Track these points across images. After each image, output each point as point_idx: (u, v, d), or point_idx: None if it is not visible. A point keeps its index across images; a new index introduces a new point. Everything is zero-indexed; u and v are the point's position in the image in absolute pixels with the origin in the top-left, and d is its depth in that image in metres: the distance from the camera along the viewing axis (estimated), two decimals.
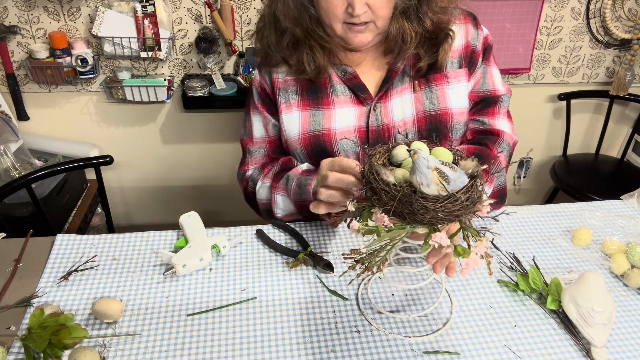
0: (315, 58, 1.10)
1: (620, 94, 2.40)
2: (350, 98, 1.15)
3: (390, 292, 1.00)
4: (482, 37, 1.17)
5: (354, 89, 1.14)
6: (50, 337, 0.84)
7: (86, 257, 1.06)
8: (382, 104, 1.13)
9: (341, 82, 1.15)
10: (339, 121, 1.14)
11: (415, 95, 1.13)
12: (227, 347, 0.89)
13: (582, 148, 2.70)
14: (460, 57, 1.15)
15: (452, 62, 1.14)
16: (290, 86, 1.16)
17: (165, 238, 1.12)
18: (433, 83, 1.13)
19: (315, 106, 1.15)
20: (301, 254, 1.06)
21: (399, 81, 1.14)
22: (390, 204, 0.77)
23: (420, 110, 1.13)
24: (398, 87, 1.14)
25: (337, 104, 1.15)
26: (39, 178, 1.55)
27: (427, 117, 1.13)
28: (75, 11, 2.03)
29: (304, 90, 1.16)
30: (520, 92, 2.47)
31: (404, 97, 1.13)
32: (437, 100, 1.13)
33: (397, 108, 1.13)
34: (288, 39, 1.10)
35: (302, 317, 0.94)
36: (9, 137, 2.11)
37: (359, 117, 1.14)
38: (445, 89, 1.13)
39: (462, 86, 1.15)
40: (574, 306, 0.93)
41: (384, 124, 1.13)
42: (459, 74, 1.14)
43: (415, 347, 0.90)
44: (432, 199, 0.75)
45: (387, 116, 1.13)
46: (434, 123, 1.13)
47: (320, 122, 1.14)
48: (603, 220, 1.20)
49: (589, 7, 2.27)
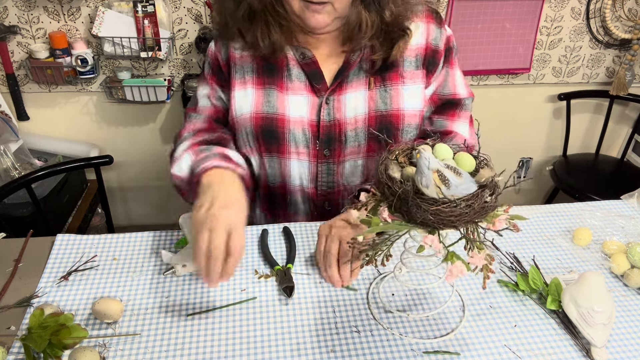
0: (271, 34, 1.06)
1: (620, 94, 2.40)
2: (305, 85, 1.11)
3: (394, 291, 1.00)
4: (445, 37, 1.14)
5: (311, 75, 1.11)
6: (50, 337, 0.84)
7: (86, 257, 1.06)
8: (336, 97, 1.11)
9: (298, 66, 1.11)
10: (292, 109, 1.11)
11: (370, 93, 1.11)
12: (227, 347, 0.89)
13: (582, 148, 2.70)
14: (418, 57, 1.12)
15: (410, 62, 1.12)
16: (246, 63, 1.13)
17: (165, 238, 1.12)
18: (388, 82, 1.11)
19: (270, 86, 1.11)
20: (277, 267, 1.04)
21: (355, 75, 1.11)
22: (391, 199, 0.78)
23: (373, 109, 1.11)
24: (353, 82, 1.11)
25: (291, 90, 1.11)
26: (39, 178, 1.55)
27: (378, 116, 1.11)
28: (75, 11, 2.03)
29: (260, 69, 1.12)
30: (520, 92, 2.47)
31: (358, 93, 1.11)
32: (390, 101, 1.11)
33: (350, 103, 1.11)
34: (244, 10, 1.05)
35: (302, 317, 0.94)
36: (9, 137, 2.11)
37: (312, 109, 1.11)
38: (399, 89, 1.11)
39: (416, 88, 1.12)
40: (574, 306, 0.93)
41: (336, 119, 1.11)
42: (415, 75, 1.12)
43: (415, 347, 0.90)
44: (429, 201, 0.75)
45: (339, 111, 1.11)
46: (384, 123, 1.11)
47: (275, 105, 1.11)
48: (603, 220, 1.20)
49: (589, 7, 2.27)
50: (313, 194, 1.18)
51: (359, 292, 1.00)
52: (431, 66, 1.14)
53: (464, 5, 2.16)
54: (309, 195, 1.19)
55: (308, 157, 1.14)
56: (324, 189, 1.17)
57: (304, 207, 1.22)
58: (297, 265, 1.06)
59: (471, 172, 0.80)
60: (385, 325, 0.93)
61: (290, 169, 1.15)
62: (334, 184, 1.16)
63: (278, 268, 1.03)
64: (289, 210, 1.23)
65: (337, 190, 1.17)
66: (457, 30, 2.21)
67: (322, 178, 1.15)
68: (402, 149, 0.86)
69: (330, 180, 1.16)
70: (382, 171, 0.81)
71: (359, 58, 1.10)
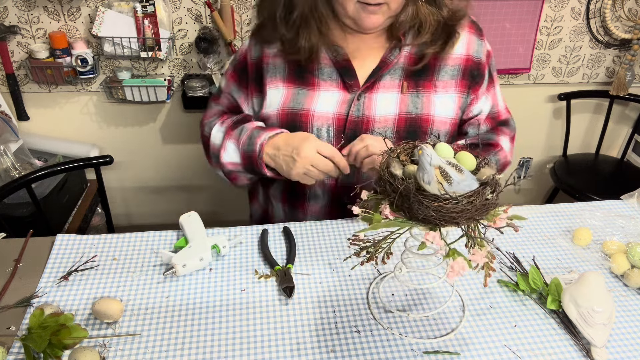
0: (311, 43, 1.08)
1: (620, 94, 2.40)
2: (337, 83, 1.13)
3: (394, 291, 1.00)
4: (486, 50, 1.17)
5: (342, 72, 1.12)
6: (50, 337, 0.84)
7: (86, 257, 1.06)
8: (368, 95, 1.12)
9: (330, 65, 1.13)
10: (320, 104, 1.13)
11: (402, 97, 1.12)
12: (227, 347, 0.89)
13: (582, 148, 2.69)
14: (457, 68, 1.13)
15: (446, 71, 1.13)
16: (279, 62, 1.16)
17: (165, 238, 1.12)
18: (421, 89, 1.12)
19: (301, 84, 1.15)
20: (277, 267, 1.04)
21: (389, 76, 1.12)
22: (393, 196, 0.78)
23: (403, 112, 1.12)
24: (387, 82, 1.13)
25: (322, 86, 1.14)
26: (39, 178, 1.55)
27: (408, 119, 1.12)
28: (75, 11, 2.03)
29: (292, 68, 1.15)
30: (520, 92, 2.47)
31: (390, 94, 1.12)
32: (422, 106, 1.12)
33: (381, 102, 1.12)
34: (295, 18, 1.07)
35: (302, 317, 0.94)
36: (9, 137, 2.11)
37: (341, 104, 1.13)
38: (432, 96, 1.13)
39: (449, 97, 1.14)
40: (574, 306, 0.93)
41: (365, 115, 1.12)
42: (449, 85, 1.13)
43: (415, 347, 0.90)
44: (430, 197, 0.75)
45: (369, 108, 1.12)
46: (412, 126, 1.12)
47: (302, 101, 1.14)
48: (603, 220, 1.20)
49: (589, 7, 2.27)
50: (333, 188, 1.19)
51: (359, 292, 1.00)
52: (477, 78, 1.15)
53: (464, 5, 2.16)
54: (329, 188, 1.20)
55: None
56: (344, 183, 1.18)
57: (323, 200, 1.22)
58: (297, 265, 1.06)
59: (472, 171, 0.80)
60: (385, 325, 0.93)
61: None
62: (354, 180, 1.17)
63: (278, 268, 1.03)
64: (308, 202, 1.24)
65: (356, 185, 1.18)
66: None
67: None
68: (404, 147, 0.86)
69: (350, 175, 1.16)
70: (383, 168, 0.81)
71: (396, 59, 1.11)
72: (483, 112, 1.20)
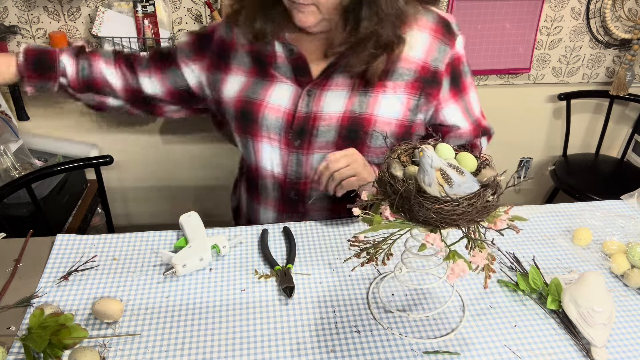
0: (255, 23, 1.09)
1: (620, 94, 2.40)
2: (291, 79, 1.14)
3: (394, 291, 1.00)
4: (449, 57, 1.13)
5: (296, 69, 1.13)
6: (50, 337, 0.84)
7: (86, 257, 1.06)
8: (318, 91, 1.12)
9: (286, 62, 1.14)
10: (274, 96, 1.14)
11: (351, 95, 1.12)
12: (227, 347, 0.89)
13: (582, 148, 2.69)
14: (411, 72, 1.11)
15: (401, 73, 1.11)
16: (245, 53, 1.17)
17: (165, 238, 1.12)
18: (371, 88, 1.11)
19: (260, 77, 1.15)
20: (277, 267, 1.04)
21: (341, 74, 1.11)
22: (393, 197, 0.78)
23: (348, 110, 1.11)
24: (340, 80, 1.12)
25: (278, 80, 1.15)
26: (39, 178, 1.55)
27: (351, 117, 1.11)
28: (75, 11, 2.03)
29: (254, 61, 1.16)
30: (520, 92, 2.47)
31: (340, 92, 1.12)
32: (367, 105, 1.11)
33: (330, 100, 1.12)
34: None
35: (302, 317, 0.94)
36: (9, 137, 2.11)
37: (293, 100, 1.13)
38: (379, 96, 1.11)
39: (396, 98, 1.11)
40: (574, 306, 0.93)
41: (313, 112, 1.12)
42: (399, 86, 1.11)
43: (415, 347, 0.90)
44: (431, 199, 0.75)
45: (317, 105, 1.12)
46: (355, 125, 1.11)
47: (258, 91, 1.15)
48: (603, 220, 1.20)
49: (589, 7, 2.27)
50: (282, 182, 1.20)
51: (359, 292, 1.00)
52: (432, 84, 1.13)
53: (464, 5, 2.16)
54: (279, 182, 1.20)
55: (279, 144, 1.16)
56: (292, 178, 1.18)
57: (273, 194, 1.23)
58: (297, 265, 1.06)
59: (473, 172, 0.80)
60: (385, 325, 0.93)
61: (262, 152, 1.18)
62: (302, 175, 1.17)
63: (278, 268, 1.03)
64: (261, 194, 1.25)
65: (304, 181, 1.18)
66: None
67: (291, 167, 1.17)
68: (405, 148, 0.86)
69: (299, 170, 1.17)
70: (384, 170, 0.81)
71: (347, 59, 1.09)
72: (463, 126, 1.19)
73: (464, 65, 1.17)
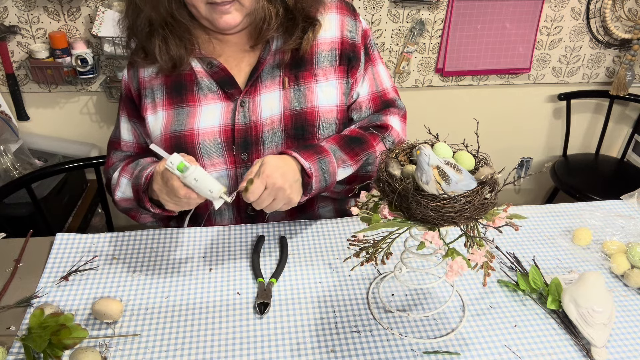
0: (169, 49, 1.04)
1: (620, 94, 2.40)
2: (218, 94, 1.10)
3: (394, 291, 1.00)
4: (361, 31, 1.14)
5: (221, 83, 1.09)
6: (50, 337, 0.84)
7: (86, 257, 1.06)
8: (251, 99, 1.09)
9: (207, 77, 1.09)
10: (203, 120, 1.09)
11: (284, 93, 1.10)
12: (227, 347, 0.89)
13: (582, 148, 2.69)
14: (333, 52, 1.11)
15: (323, 57, 1.11)
16: (156, 85, 1.11)
17: (165, 238, 1.12)
18: (302, 81, 1.10)
19: (180, 104, 1.09)
20: (260, 279, 1.01)
21: (269, 75, 1.10)
22: (391, 196, 0.78)
23: (288, 109, 1.10)
24: (267, 82, 1.10)
25: (204, 101, 1.09)
26: (39, 178, 1.55)
27: (294, 115, 1.10)
28: (75, 11, 2.03)
29: (169, 89, 1.10)
30: (520, 92, 2.47)
31: (272, 93, 1.10)
32: (305, 99, 1.10)
33: (265, 104, 1.09)
34: (142, 24, 1.03)
35: (302, 317, 0.94)
36: (9, 137, 2.11)
37: (225, 115, 1.09)
38: (313, 87, 1.10)
39: (330, 84, 1.11)
40: (574, 306, 0.93)
41: (252, 121, 1.09)
42: (329, 72, 1.11)
43: (415, 347, 0.90)
44: (428, 197, 0.75)
45: (255, 113, 1.09)
46: (299, 121, 1.10)
47: (184, 122, 1.09)
48: (603, 220, 1.20)
49: (589, 7, 2.27)
50: (236, 201, 1.11)
51: (359, 292, 1.00)
52: (353, 61, 1.13)
53: (464, 5, 2.16)
54: (233, 204, 1.15)
55: (225, 165, 1.11)
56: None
57: (228, 214, 1.19)
58: (296, 264, 1.06)
59: (471, 171, 0.80)
60: (385, 325, 0.93)
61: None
62: None
63: (261, 281, 1.01)
64: (214, 218, 1.20)
65: None
66: (457, 30, 2.21)
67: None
68: (402, 148, 0.86)
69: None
70: (382, 169, 0.81)
71: (270, 55, 1.09)
72: (362, 94, 1.17)
73: (371, 38, 1.18)
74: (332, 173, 1.05)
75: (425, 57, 2.28)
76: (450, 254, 0.79)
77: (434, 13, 2.18)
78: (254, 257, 1.07)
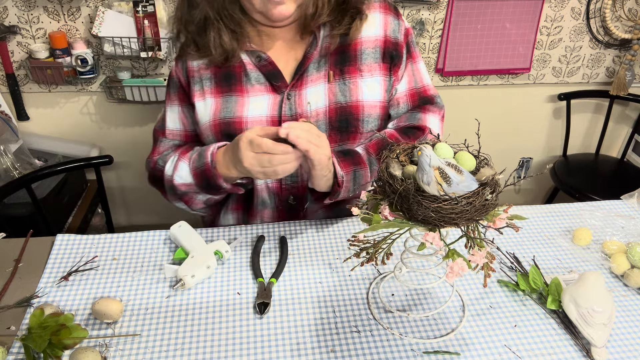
0: (223, 42, 1.08)
1: (620, 94, 2.40)
2: (265, 86, 1.13)
3: (394, 291, 1.00)
4: (404, 29, 1.16)
5: (269, 76, 1.12)
6: (50, 337, 0.84)
7: (86, 257, 1.06)
8: (297, 92, 1.12)
9: (256, 70, 1.12)
10: (251, 109, 1.12)
11: (329, 86, 1.12)
12: (227, 347, 0.89)
13: (582, 148, 2.69)
14: (377, 49, 1.14)
15: (368, 54, 1.13)
16: (205, 75, 1.14)
17: (165, 238, 1.12)
18: (347, 75, 1.12)
19: (229, 93, 1.13)
20: (260, 279, 1.01)
21: (314, 69, 1.12)
22: (392, 196, 0.78)
23: (333, 102, 1.12)
24: (313, 75, 1.12)
25: (252, 92, 1.12)
26: (39, 178, 1.55)
27: (339, 108, 1.12)
28: (75, 11, 2.03)
29: (218, 78, 1.14)
30: (520, 92, 2.47)
31: (318, 86, 1.12)
32: (350, 93, 1.12)
33: (311, 97, 1.12)
34: (198, 19, 1.07)
35: (302, 317, 0.94)
36: (9, 137, 2.11)
37: (273, 107, 1.12)
38: (358, 82, 1.13)
39: (374, 80, 1.14)
40: (574, 306, 0.93)
41: (297, 113, 1.12)
42: (373, 68, 1.14)
43: (415, 347, 0.90)
44: (429, 198, 0.75)
45: (300, 105, 1.12)
46: (344, 115, 1.12)
47: (233, 109, 1.12)
48: (603, 220, 1.20)
49: (589, 7, 2.27)
50: (277, 189, 1.19)
51: (359, 292, 1.00)
52: (396, 59, 1.15)
53: (464, 5, 2.16)
54: (274, 191, 1.19)
55: None
56: (288, 183, 1.17)
57: (270, 203, 1.22)
58: (296, 264, 1.06)
59: (472, 172, 0.80)
60: (385, 325, 0.93)
61: None
62: (298, 178, 1.17)
63: (261, 280, 1.01)
64: (257, 208, 1.22)
65: (301, 184, 1.17)
66: (457, 30, 2.21)
67: None
68: (403, 148, 0.86)
69: (293, 174, 1.15)
70: (383, 169, 0.81)
71: (318, 49, 1.11)
72: (400, 90, 1.19)
73: (412, 36, 1.20)
74: (363, 185, 1.10)
75: (425, 57, 2.28)
76: (451, 255, 0.79)
77: (434, 13, 2.18)
78: (254, 257, 1.07)
